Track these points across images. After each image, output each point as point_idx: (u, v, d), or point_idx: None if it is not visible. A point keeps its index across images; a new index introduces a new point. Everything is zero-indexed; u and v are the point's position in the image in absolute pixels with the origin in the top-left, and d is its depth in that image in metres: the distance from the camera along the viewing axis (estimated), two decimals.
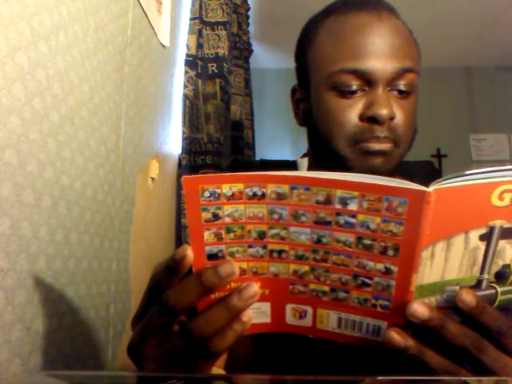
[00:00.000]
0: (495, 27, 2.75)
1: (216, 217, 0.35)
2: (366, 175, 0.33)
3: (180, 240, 1.28)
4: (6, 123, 0.49)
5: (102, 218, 0.74)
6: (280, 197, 0.34)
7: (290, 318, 0.39)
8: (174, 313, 0.35)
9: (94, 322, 0.71)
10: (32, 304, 0.54)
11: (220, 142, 1.36)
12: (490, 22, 2.68)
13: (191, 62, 1.34)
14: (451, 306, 0.36)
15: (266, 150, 3.02)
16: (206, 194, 0.34)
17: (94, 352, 0.73)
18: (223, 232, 0.35)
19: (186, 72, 1.34)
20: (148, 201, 1.03)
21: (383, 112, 0.55)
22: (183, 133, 1.31)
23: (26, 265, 0.52)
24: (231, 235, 0.36)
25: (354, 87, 0.57)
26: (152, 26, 1.02)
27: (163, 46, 1.13)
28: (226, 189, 0.34)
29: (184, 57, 1.35)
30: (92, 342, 0.71)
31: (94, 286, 0.71)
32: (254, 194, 0.34)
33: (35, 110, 0.54)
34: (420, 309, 0.34)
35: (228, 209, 0.35)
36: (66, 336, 0.62)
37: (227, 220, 0.35)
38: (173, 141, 1.27)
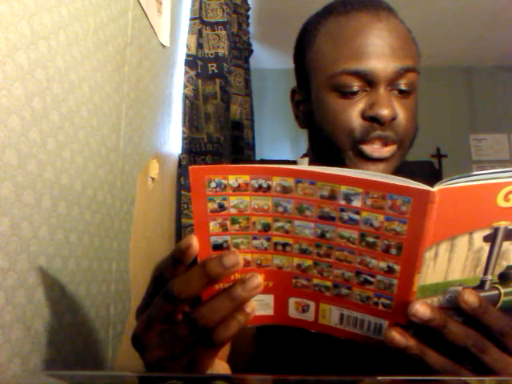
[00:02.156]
0: (495, 27, 2.75)
1: (222, 207, 0.35)
2: (371, 172, 0.33)
3: (180, 240, 1.28)
4: (6, 123, 0.49)
5: (101, 218, 0.74)
6: (285, 190, 0.34)
7: (292, 311, 0.39)
8: (179, 302, 0.36)
9: (94, 322, 0.71)
10: (32, 304, 0.53)
11: (220, 142, 1.36)
12: (490, 22, 2.68)
13: (191, 62, 1.34)
14: (453, 307, 0.36)
15: (266, 149, 3.02)
16: (213, 184, 0.34)
17: (93, 352, 0.72)
18: (228, 223, 0.36)
19: (186, 72, 1.34)
20: (148, 201, 1.02)
21: (385, 112, 0.55)
22: (183, 133, 1.31)
23: (26, 264, 0.52)
24: (236, 226, 0.36)
25: (356, 88, 0.57)
26: (152, 26, 1.01)
27: (163, 46, 1.12)
28: (232, 180, 0.34)
29: (184, 57, 1.35)
30: (92, 342, 0.71)
31: (93, 286, 0.71)
32: (260, 186, 0.34)
33: (35, 110, 0.54)
34: (422, 309, 0.34)
35: (234, 200, 0.35)
36: (66, 336, 0.62)
37: (233, 211, 0.35)
38: (173, 141, 1.27)
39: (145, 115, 0.98)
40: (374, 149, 0.57)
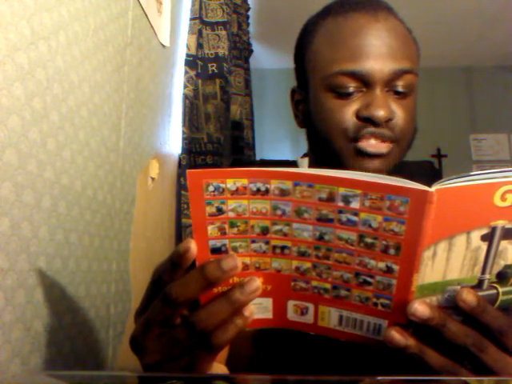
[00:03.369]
0: (495, 27, 2.75)
1: (220, 211, 0.35)
2: (369, 173, 0.33)
3: (180, 240, 1.28)
4: (6, 123, 0.49)
5: (101, 218, 0.74)
6: (283, 193, 0.34)
7: (291, 314, 0.39)
8: (177, 305, 0.36)
9: (94, 322, 0.71)
10: (32, 304, 0.54)
11: (220, 142, 1.36)
12: (490, 22, 2.69)
13: (191, 62, 1.34)
14: (452, 306, 0.36)
15: (266, 150, 3.02)
16: (211, 188, 0.34)
17: (93, 352, 0.73)
18: (227, 226, 0.36)
19: (186, 72, 1.34)
20: (148, 201, 1.03)
21: (380, 113, 0.55)
22: (183, 133, 1.31)
23: (25, 265, 0.52)
24: (235, 230, 0.36)
25: (352, 89, 0.57)
26: (152, 26, 1.02)
27: (163, 46, 1.13)
28: (231, 184, 0.34)
29: (184, 57, 1.35)
30: (92, 342, 0.71)
31: (93, 287, 0.71)
32: (258, 190, 0.34)
33: (35, 109, 0.54)
34: (421, 308, 0.34)
35: (232, 203, 0.35)
36: (66, 336, 0.62)
37: (231, 215, 0.35)
38: (173, 141, 1.27)
39: (145, 115, 0.99)
40: (369, 144, 0.57)
